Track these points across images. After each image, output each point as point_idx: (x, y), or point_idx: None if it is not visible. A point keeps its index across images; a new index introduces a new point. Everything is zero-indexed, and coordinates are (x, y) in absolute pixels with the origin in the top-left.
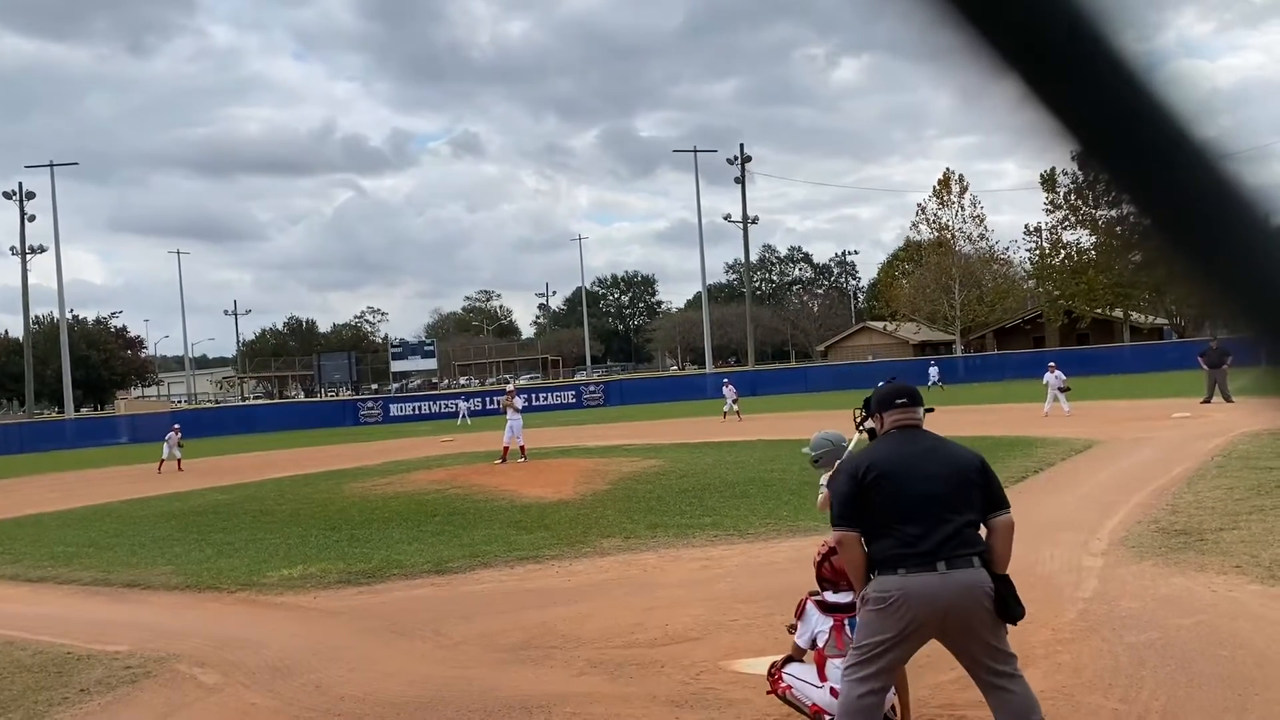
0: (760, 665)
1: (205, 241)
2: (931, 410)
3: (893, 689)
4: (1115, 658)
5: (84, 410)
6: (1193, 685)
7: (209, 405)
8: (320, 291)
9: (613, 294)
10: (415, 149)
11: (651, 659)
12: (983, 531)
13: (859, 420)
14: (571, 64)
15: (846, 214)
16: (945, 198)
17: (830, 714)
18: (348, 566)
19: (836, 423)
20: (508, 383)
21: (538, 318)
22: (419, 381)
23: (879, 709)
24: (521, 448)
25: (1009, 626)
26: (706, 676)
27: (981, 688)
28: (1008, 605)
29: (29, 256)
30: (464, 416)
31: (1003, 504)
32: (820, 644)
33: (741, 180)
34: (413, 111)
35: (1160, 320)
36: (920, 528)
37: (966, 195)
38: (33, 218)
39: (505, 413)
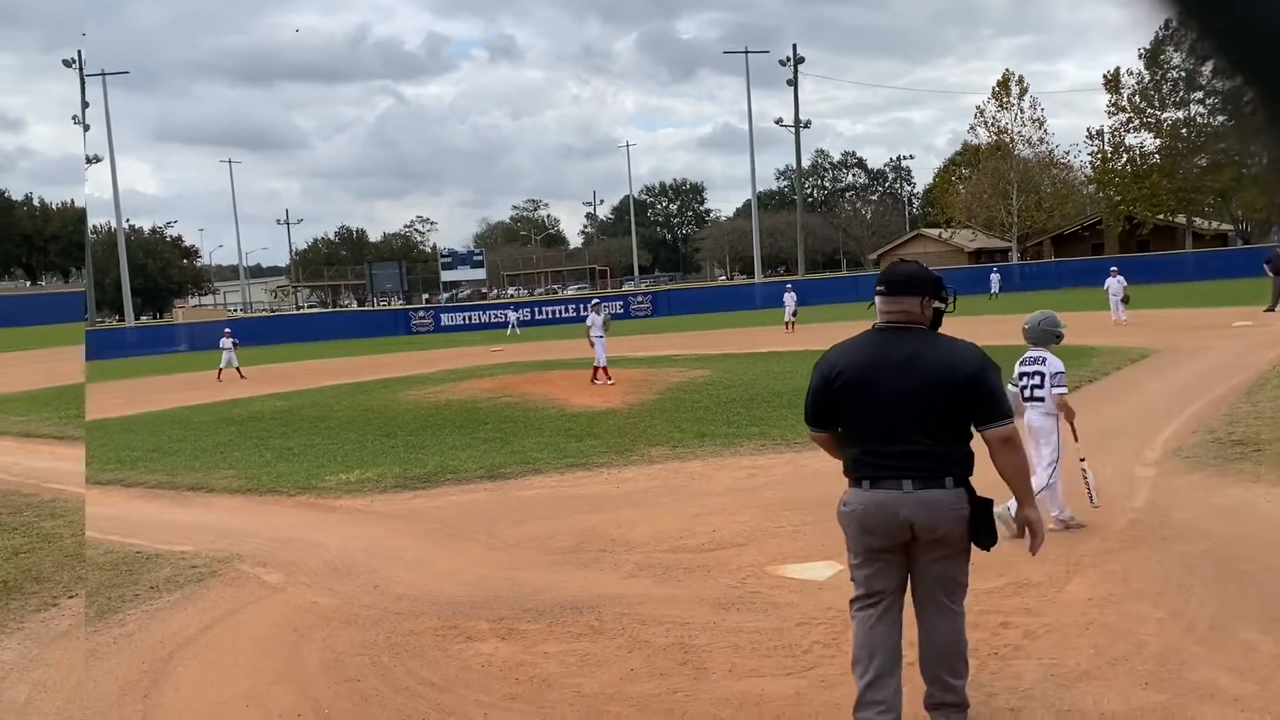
0: (807, 570)
1: (251, 150)
2: (950, 310)
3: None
4: (1164, 567)
5: (143, 318)
6: (1243, 596)
7: (264, 314)
8: (367, 200)
9: (660, 202)
10: (453, 54)
11: (699, 563)
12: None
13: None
14: None
15: (899, 118)
16: (1004, 100)
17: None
18: (403, 471)
19: None
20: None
21: (585, 227)
22: (469, 291)
23: (895, 642)
24: (602, 369)
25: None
26: (753, 580)
27: (917, 610)
28: (977, 532)
29: (85, 167)
30: (514, 327)
31: (996, 415)
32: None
33: (794, 81)
34: (451, 15)
35: (1225, 226)
36: (886, 443)
37: (1026, 97)
38: (88, 127)
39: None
